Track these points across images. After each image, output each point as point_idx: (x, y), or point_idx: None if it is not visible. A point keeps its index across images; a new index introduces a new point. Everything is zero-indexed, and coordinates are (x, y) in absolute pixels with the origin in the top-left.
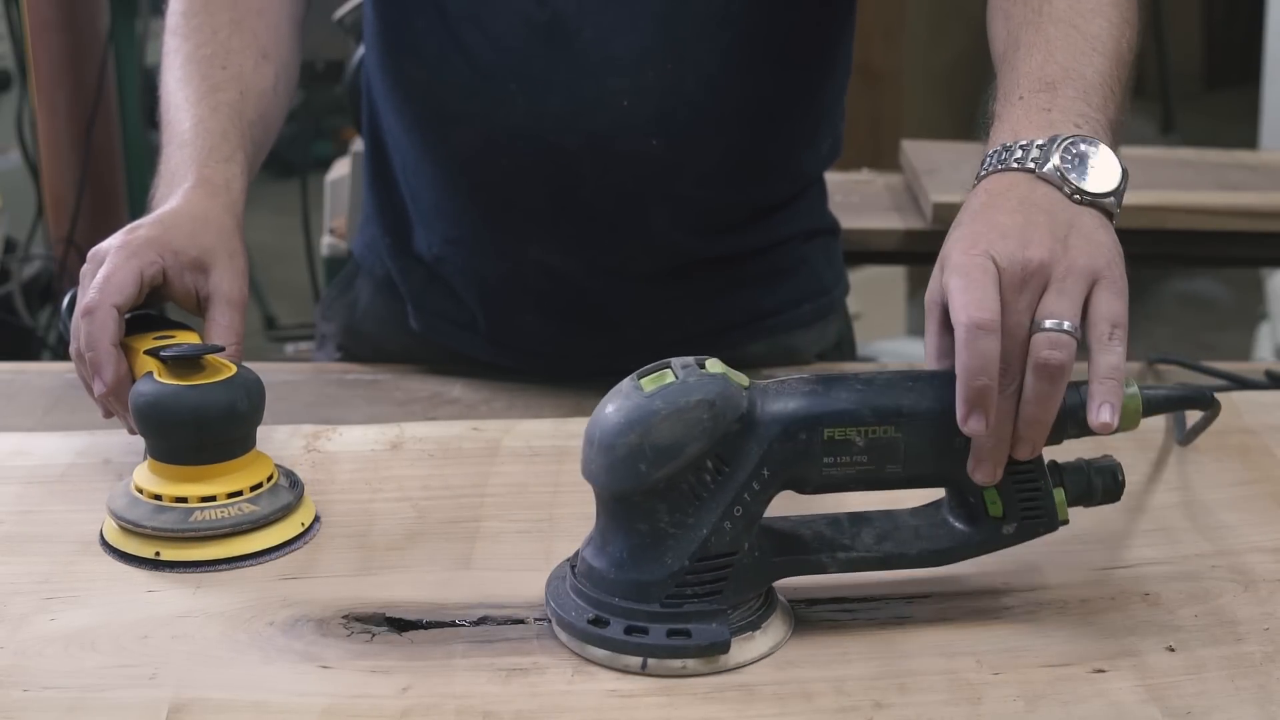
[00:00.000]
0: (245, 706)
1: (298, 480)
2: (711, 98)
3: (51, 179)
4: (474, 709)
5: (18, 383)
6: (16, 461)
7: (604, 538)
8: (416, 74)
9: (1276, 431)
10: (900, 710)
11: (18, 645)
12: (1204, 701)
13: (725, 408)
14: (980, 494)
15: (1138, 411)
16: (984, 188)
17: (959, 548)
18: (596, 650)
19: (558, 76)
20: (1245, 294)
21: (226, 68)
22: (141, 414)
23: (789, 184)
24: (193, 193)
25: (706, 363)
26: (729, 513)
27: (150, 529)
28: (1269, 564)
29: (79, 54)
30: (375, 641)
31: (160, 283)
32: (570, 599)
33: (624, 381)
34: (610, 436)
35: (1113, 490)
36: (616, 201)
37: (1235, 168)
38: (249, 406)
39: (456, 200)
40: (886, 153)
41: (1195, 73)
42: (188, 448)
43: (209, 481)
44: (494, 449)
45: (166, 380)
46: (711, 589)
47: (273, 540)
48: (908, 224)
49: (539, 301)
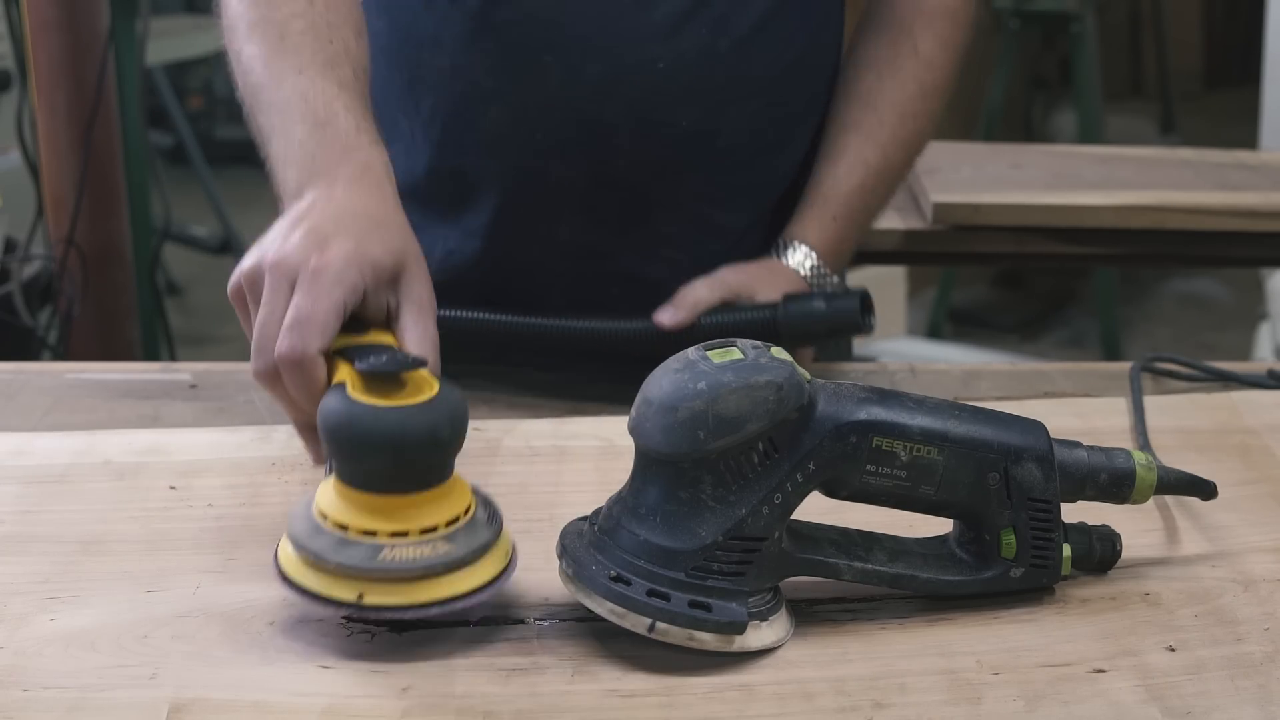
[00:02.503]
0: (245, 706)
1: (496, 511)
2: (745, 62)
3: (51, 179)
4: (474, 709)
5: (18, 383)
6: (16, 461)
7: (639, 499)
8: (437, 62)
9: (1276, 431)
10: (900, 710)
11: (18, 645)
12: (1204, 701)
13: (790, 394)
14: (998, 534)
15: (1151, 487)
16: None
17: (967, 582)
18: (611, 606)
19: (595, 45)
20: (1245, 294)
21: (333, 42)
22: (332, 434)
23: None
24: (360, 185)
25: (772, 349)
26: (769, 498)
27: (335, 565)
28: (1269, 564)
29: (79, 54)
30: (375, 641)
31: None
32: (590, 554)
33: (689, 350)
34: (675, 398)
35: (1109, 559)
36: (650, 173)
37: (1235, 168)
38: (451, 433)
39: (481, 187)
40: None
41: (1195, 73)
42: (380, 476)
43: (400, 515)
44: (494, 449)
45: (361, 398)
46: (737, 569)
47: (468, 583)
48: (908, 224)
49: (565, 287)
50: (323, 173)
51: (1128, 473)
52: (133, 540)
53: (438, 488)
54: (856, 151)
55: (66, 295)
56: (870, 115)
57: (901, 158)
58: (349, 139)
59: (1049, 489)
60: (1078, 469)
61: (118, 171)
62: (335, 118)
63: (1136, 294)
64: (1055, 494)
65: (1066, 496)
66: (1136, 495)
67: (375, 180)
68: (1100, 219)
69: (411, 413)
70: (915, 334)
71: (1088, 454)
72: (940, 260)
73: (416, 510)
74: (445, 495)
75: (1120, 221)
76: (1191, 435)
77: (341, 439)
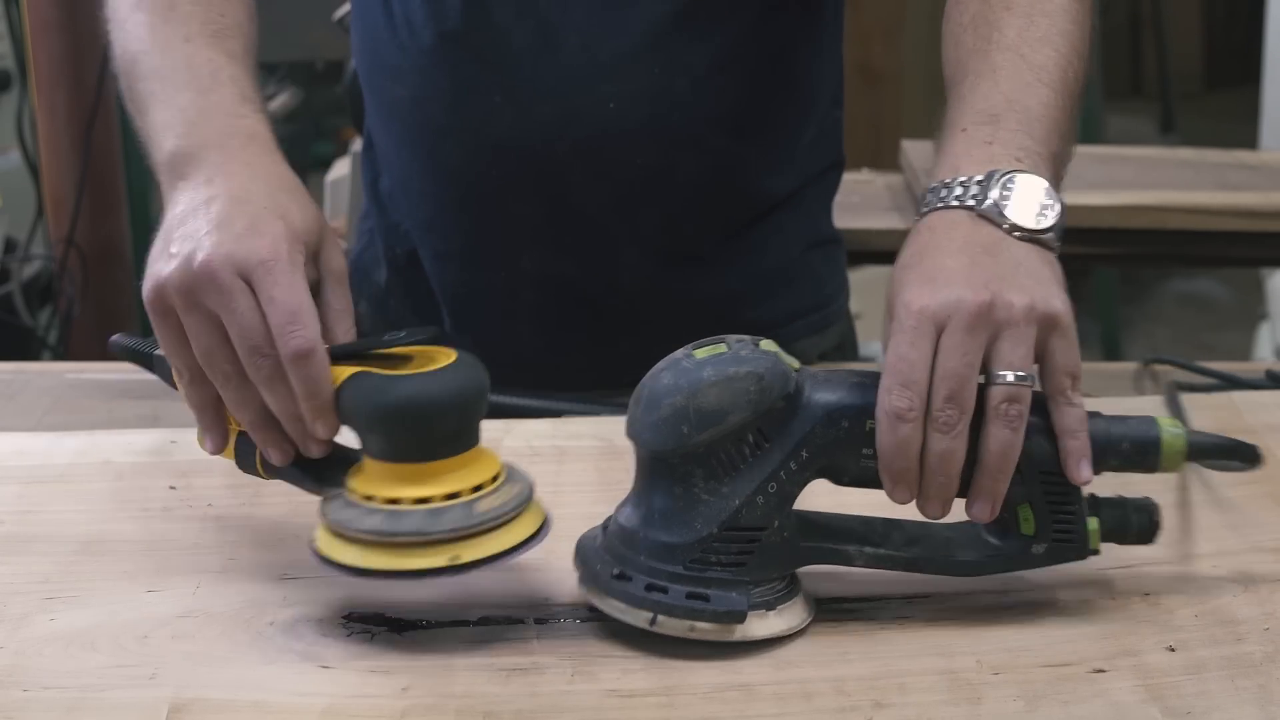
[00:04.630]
0: (245, 706)
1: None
2: (701, 100)
3: (51, 179)
4: (474, 709)
5: (18, 383)
6: (16, 461)
7: (639, 497)
8: (400, 92)
9: (1276, 431)
10: (900, 710)
11: (18, 645)
12: (1204, 701)
13: (773, 383)
14: (1015, 510)
15: (1181, 453)
16: (925, 226)
17: (987, 561)
18: (614, 603)
19: (544, 85)
20: (1245, 294)
21: (224, 15)
22: (397, 412)
23: (783, 190)
24: (252, 154)
25: (761, 342)
26: (763, 488)
27: (442, 533)
28: (1269, 564)
29: (79, 54)
30: (375, 641)
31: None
32: (599, 554)
33: (678, 350)
34: (657, 396)
35: (1147, 531)
36: (608, 207)
37: (1235, 168)
38: (488, 386)
39: (447, 214)
40: (886, 153)
41: (1195, 73)
42: (447, 436)
43: (471, 469)
44: (494, 449)
45: (398, 373)
46: (736, 559)
47: (532, 527)
48: (908, 224)
49: (531, 314)
50: (211, 143)
51: (1152, 440)
52: (133, 540)
53: (480, 443)
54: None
55: (66, 295)
56: (984, 44)
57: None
58: (233, 107)
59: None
60: (1095, 440)
61: (118, 171)
62: (220, 86)
63: (1136, 294)
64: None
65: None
66: (1165, 463)
67: (265, 147)
68: (1100, 219)
69: (460, 372)
70: None
71: (1106, 423)
72: None
73: (478, 464)
74: (483, 449)
75: (1120, 221)
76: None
77: (410, 413)
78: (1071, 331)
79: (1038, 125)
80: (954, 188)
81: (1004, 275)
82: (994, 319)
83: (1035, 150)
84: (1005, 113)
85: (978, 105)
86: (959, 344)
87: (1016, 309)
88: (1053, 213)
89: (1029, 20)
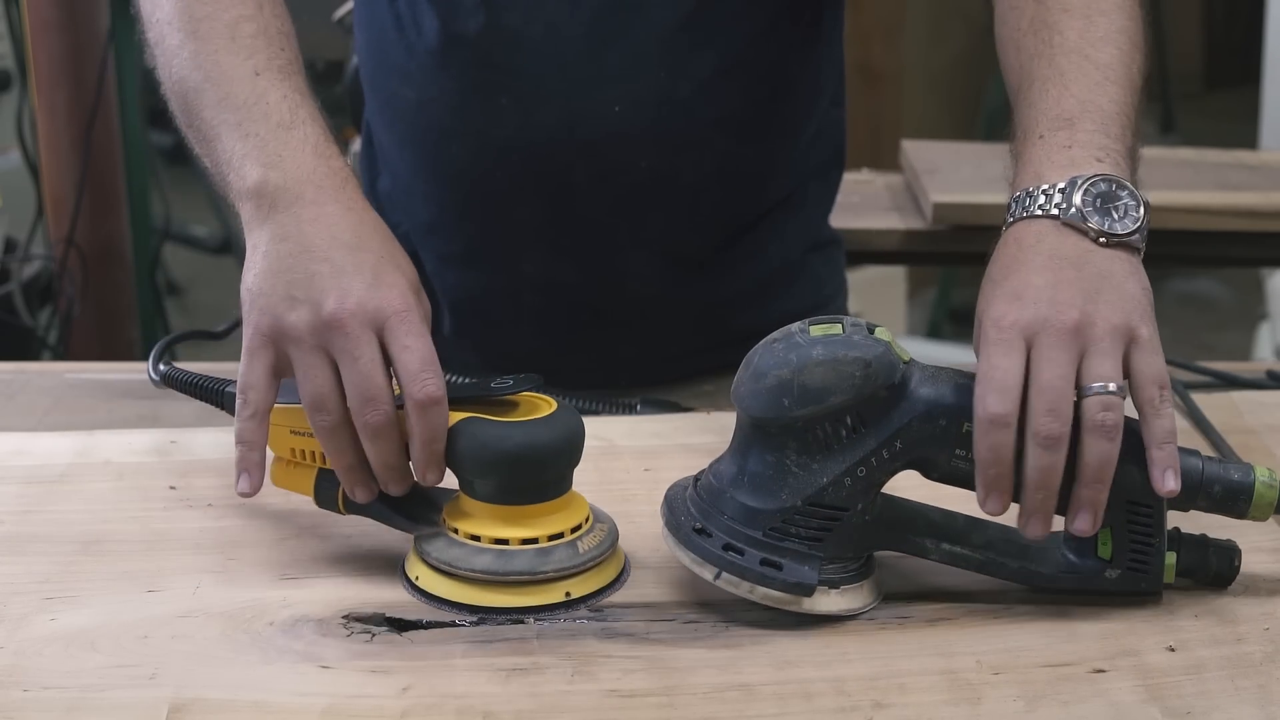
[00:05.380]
0: (245, 706)
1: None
2: (705, 104)
3: (51, 179)
4: (474, 709)
5: (18, 383)
6: (16, 461)
7: (732, 458)
8: (405, 93)
9: (1276, 431)
10: (900, 710)
11: (18, 645)
12: (1204, 701)
13: (879, 371)
14: (1097, 532)
15: (1272, 504)
16: (1012, 238)
17: (1061, 577)
18: (689, 554)
19: (550, 88)
20: (1245, 294)
21: (285, 50)
22: (514, 458)
23: (784, 191)
24: (356, 200)
25: (876, 329)
26: (853, 470)
27: (551, 572)
28: (1269, 564)
29: (79, 54)
30: (375, 641)
31: None
32: (685, 506)
33: (794, 324)
34: (764, 365)
35: (1225, 575)
36: (611, 211)
37: (1235, 168)
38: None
39: (449, 216)
40: (886, 153)
41: (1195, 73)
42: (554, 481)
43: (568, 511)
44: None
45: (511, 420)
46: (815, 534)
47: (620, 562)
48: (908, 224)
49: (532, 316)
50: (305, 180)
51: (1244, 487)
52: (133, 540)
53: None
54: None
55: (66, 295)
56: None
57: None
58: (320, 146)
59: (1150, 492)
60: (1189, 477)
61: (118, 171)
62: (302, 123)
63: None
64: (1157, 498)
65: (1175, 505)
66: (1254, 512)
67: (358, 192)
68: None
69: (567, 421)
70: (915, 334)
71: (1203, 464)
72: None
73: (573, 506)
74: (574, 493)
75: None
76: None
77: (526, 459)
78: (1155, 343)
79: (1113, 123)
80: (1037, 196)
81: (1089, 292)
82: (1081, 336)
83: (1113, 148)
84: (1079, 115)
85: (1050, 110)
86: (1053, 358)
87: (1101, 326)
88: (1137, 214)
89: (1088, 20)
